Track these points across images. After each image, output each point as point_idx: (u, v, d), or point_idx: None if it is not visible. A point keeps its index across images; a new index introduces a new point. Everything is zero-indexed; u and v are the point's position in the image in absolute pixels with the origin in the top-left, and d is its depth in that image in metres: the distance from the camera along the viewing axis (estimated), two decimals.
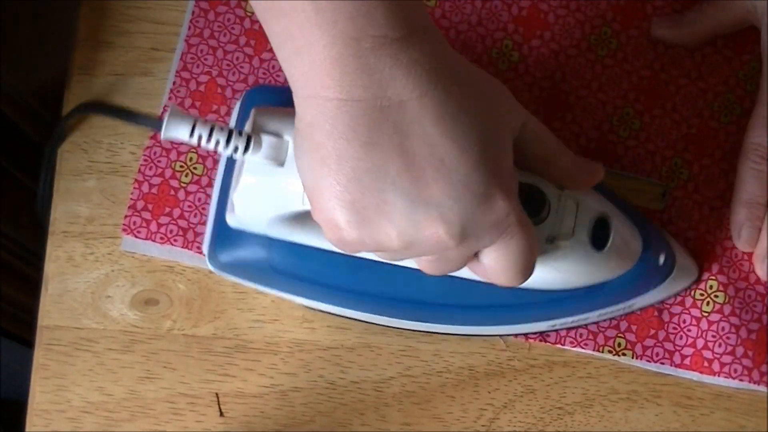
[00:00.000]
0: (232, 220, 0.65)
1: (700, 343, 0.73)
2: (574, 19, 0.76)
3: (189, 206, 0.74)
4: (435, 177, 0.52)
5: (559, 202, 0.63)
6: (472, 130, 0.52)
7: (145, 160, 0.74)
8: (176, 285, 0.74)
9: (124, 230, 0.74)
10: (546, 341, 0.73)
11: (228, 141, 0.57)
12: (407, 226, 0.52)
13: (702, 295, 0.73)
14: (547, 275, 0.65)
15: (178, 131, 0.57)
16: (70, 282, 0.74)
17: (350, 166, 0.51)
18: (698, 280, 0.73)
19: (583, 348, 0.73)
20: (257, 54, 0.76)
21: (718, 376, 0.73)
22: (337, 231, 0.54)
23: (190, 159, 0.74)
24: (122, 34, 0.76)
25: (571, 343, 0.73)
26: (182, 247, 0.74)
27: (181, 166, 0.74)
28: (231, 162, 0.67)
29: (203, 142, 0.57)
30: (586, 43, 0.76)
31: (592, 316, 0.71)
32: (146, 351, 0.73)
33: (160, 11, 0.77)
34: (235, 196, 0.61)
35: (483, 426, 0.73)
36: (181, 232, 0.74)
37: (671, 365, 0.73)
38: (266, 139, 0.58)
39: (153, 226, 0.74)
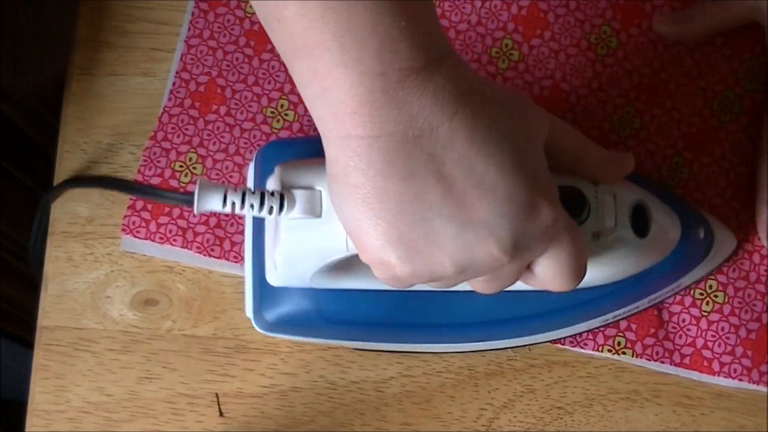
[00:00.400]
0: (274, 279, 0.64)
1: (699, 342, 0.73)
2: (573, 18, 0.76)
3: (188, 206, 0.74)
4: (478, 197, 0.51)
5: (597, 198, 0.63)
6: (505, 145, 0.52)
7: (145, 161, 0.74)
8: (176, 285, 0.74)
9: (123, 230, 0.74)
10: (545, 341, 0.73)
11: (262, 204, 0.56)
12: (460, 251, 0.52)
13: (701, 294, 0.73)
14: (597, 272, 0.65)
15: (210, 203, 0.56)
16: (70, 282, 0.74)
17: (393, 201, 0.51)
18: (738, 248, 0.73)
19: (582, 348, 0.73)
20: (257, 54, 0.76)
21: (718, 375, 0.73)
22: (390, 269, 0.53)
23: (190, 159, 0.74)
24: (122, 34, 0.76)
25: (571, 342, 0.73)
26: (181, 247, 0.73)
27: (181, 166, 0.74)
28: (257, 221, 0.67)
29: (237, 209, 0.56)
30: (585, 42, 0.76)
31: (644, 302, 0.71)
32: (146, 351, 0.73)
33: (160, 11, 0.77)
34: (277, 256, 0.60)
35: (483, 426, 0.73)
36: (180, 232, 0.74)
37: (671, 364, 0.73)
38: (299, 194, 0.57)
39: (152, 226, 0.74)
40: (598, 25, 0.76)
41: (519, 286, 0.59)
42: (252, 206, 0.56)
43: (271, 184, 0.60)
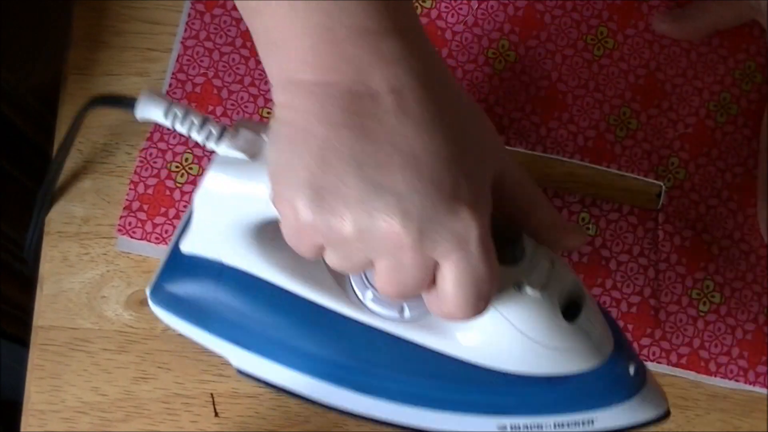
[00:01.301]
0: (186, 241, 0.62)
1: (696, 342, 0.73)
2: (570, 19, 0.76)
3: (184, 206, 0.74)
4: (402, 165, 0.50)
5: (535, 253, 0.57)
6: (450, 136, 0.51)
7: (141, 161, 0.74)
8: None
9: (119, 230, 0.74)
10: None
11: (202, 126, 0.56)
12: (362, 212, 0.50)
13: (698, 294, 0.73)
14: (507, 338, 0.57)
15: (152, 112, 0.56)
16: (65, 282, 0.74)
17: (317, 144, 0.50)
18: (666, 417, 0.63)
19: None
20: (253, 55, 0.76)
21: (715, 376, 0.73)
22: (293, 213, 0.51)
23: (186, 159, 0.74)
24: (118, 33, 0.77)
25: None
26: None
27: (177, 167, 0.74)
28: None
29: (177, 124, 0.56)
30: (582, 43, 0.76)
31: (548, 422, 0.62)
32: (141, 351, 0.73)
33: (156, 11, 0.77)
34: (197, 195, 0.58)
35: None
36: None
37: (668, 364, 0.73)
38: (243, 132, 0.56)
39: (148, 227, 0.74)
40: (595, 25, 0.76)
41: (424, 339, 0.58)
42: (192, 123, 0.55)
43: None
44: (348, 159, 0.50)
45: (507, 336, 0.57)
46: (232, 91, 0.75)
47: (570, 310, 0.58)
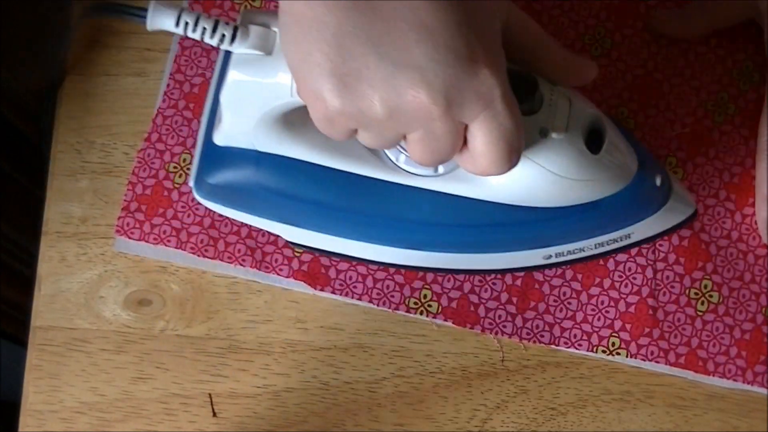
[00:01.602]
0: (219, 135, 0.64)
1: (694, 342, 0.73)
2: (567, 20, 0.76)
3: (182, 207, 0.74)
4: (417, 39, 0.51)
5: (552, 95, 0.60)
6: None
7: (139, 162, 0.74)
8: (169, 285, 0.74)
9: (118, 231, 0.74)
10: (540, 342, 0.73)
11: (214, 30, 0.56)
12: (389, 91, 0.52)
13: (696, 294, 0.73)
14: (539, 179, 0.62)
15: (163, 21, 0.56)
16: (63, 282, 0.74)
17: (331, 32, 0.51)
18: (695, 217, 0.71)
19: (577, 348, 0.73)
20: None
21: (713, 375, 0.73)
22: (321, 104, 0.53)
23: (184, 160, 0.74)
24: (115, 34, 0.77)
25: (566, 343, 0.73)
26: (175, 248, 0.74)
27: (175, 167, 0.74)
28: (218, 88, 0.66)
29: (189, 31, 0.56)
30: (580, 43, 0.76)
31: (589, 244, 0.69)
32: (139, 351, 0.73)
33: None
34: (223, 95, 0.60)
35: (476, 426, 0.72)
36: (174, 233, 0.74)
37: (666, 364, 0.73)
38: (253, 29, 0.57)
39: (146, 227, 0.74)
40: (593, 26, 0.76)
41: (463, 189, 0.61)
42: (204, 30, 0.56)
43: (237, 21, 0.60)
44: (365, 42, 0.51)
45: (540, 178, 0.61)
46: None
47: (593, 141, 0.62)
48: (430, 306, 0.73)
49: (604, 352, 0.73)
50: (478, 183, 0.63)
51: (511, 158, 0.55)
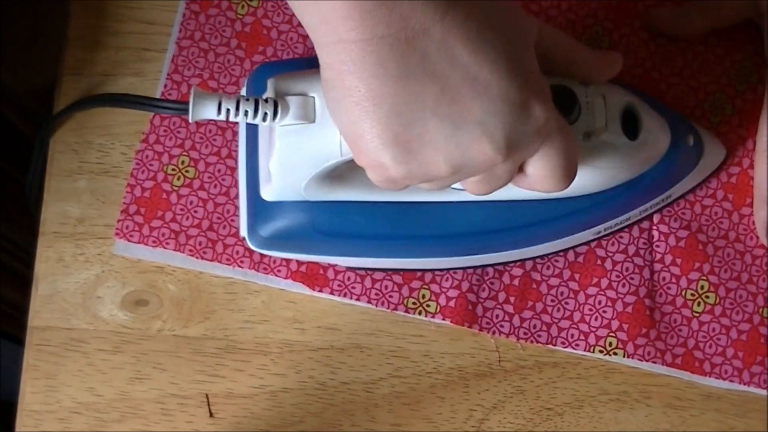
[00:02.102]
0: (268, 192, 0.65)
1: (691, 343, 0.73)
2: (565, 20, 0.76)
3: (181, 209, 0.74)
4: (472, 96, 0.52)
5: (588, 98, 0.63)
6: (497, 44, 0.52)
7: (138, 164, 0.74)
8: (166, 286, 0.74)
9: (117, 234, 0.74)
10: (537, 342, 0.73)
11: (256, 111, 0.57)
12: (454, 150, 0.53)
13: (693, 295, 0.73)
14: (589, 175, 0.65)
15: (205, 111, 0.57)
16: (61, 282, 0.74)
17: (387, 103, 0.51)
18: (726, 160, 0.74)
19: (574, 348, 0.73)
20: (249, 56, 0.76)
21: (709, 376, 0.73)
22: (385, 171, 0.54)
23: (182, 162, 0.74)
24: (113, 33, 0.76)
25: (563, 343, 0.73)
26: (174, 250, 0.73)
27: (173, 170, 0.74)
28: (251, 141, 0.68)
29: (231, 116, 0.57)
30: None
31: (635, 213, 0.71)
32: (136, 351, 0.73)
33: (151, 11, 0.77)
34: (272, 164, 0.61)
35: (473, 427, 0.72)
36: (173, 235, 0.74)
37: (662, 364, 0.73)
38: (292, 100, 0.58)
39: (145, 230, 0.74)
40: (591, 25, 0.76)
41: (513, 194, 0.61)
42: (246, 113, 0.57)
43: (266, 94, 0.60)
44: (422, 107, 0.52)
45: (588, 174, 0.65)
46: (227, 93, 0.75)
47: (629, 123, 0.66)
48: (428, 306, 0.73)
49: (601, 352, 0.73)
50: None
51: (570, 177, 0.58)
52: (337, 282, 0.73)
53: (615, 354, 0.73)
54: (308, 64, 0.56)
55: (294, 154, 0.60)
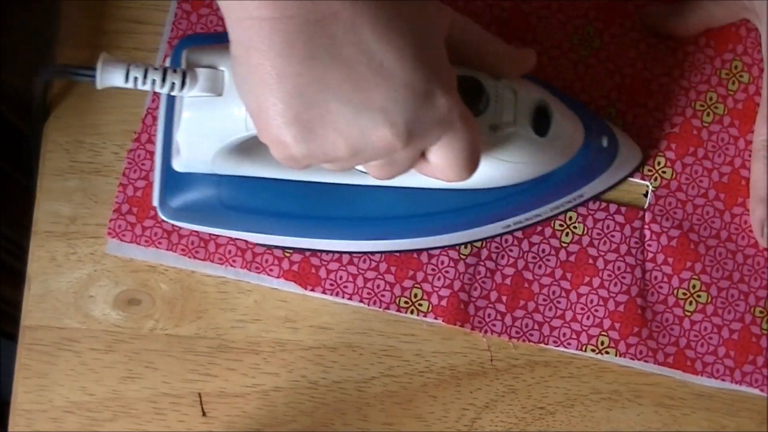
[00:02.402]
0: (178, 163, 0.65)
1: (682, 342, 0.73)
2: (556, 20, 0.76)
3: None
4: (376, 82, 0.52)
5: (497, 91, 0.63)
6: (406, 32, 0.53)
7: (129, 163, 0.74)
8: (159, 285, 0.74)
9: (109, 234, 0.74)
10: (529, 341, 0.73)
11: (164, 80, 0.58)
12: (354, 134, 0.53)
13: (685, 294, 0.73)
14: (496, 169, 0.65)
15: (113, 78, 0.58)
16: (53, 282, 0.74)
17: (291, 83, 0.52)
18: (643, 163, 0.74)
19: (566, 347, 0.73)
20: None
21: (701, 375, 0.73)
22: (285, 148, 0.54)
23: None
24: (104, 33, 0.76)
25: (555, 342, 0.73)
26: (166, 250, 0.73)
27: None
28: (170, 112, 0.68)
29: (139, 84, 0.58)
30: (568, 44, 0.76)
31: (545, 210, 0.71)
32: (128, 351, 0.73)
33: (142, 11, 0.77)
34: (179, 135, 0.62)
35: (465, 426, 0.73)
36: (165, 235, 0.74)
37: (654, 363, 0.73)
38: (201, 72, 0.59)
39: (138, 230, 0.74)
40: (581, 25, 0.76)
41: (420, 181, 0.62)
42: (154, 81, 0.58)
43: (182, 63, 0.61)
44: (325, 89, 0.52)
45: (494, 167, 0.65)
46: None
47: (541, 121, 0.66)
48: (420, 305, 0.73)
49: (593, 350, 0.73)
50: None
51: (472, 168, 0.58)
52: (329, 281, 0.73)
53: (607, 353, 0.73)
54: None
55: (200, 125, 0.61)
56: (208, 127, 0.61)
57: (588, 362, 0.73)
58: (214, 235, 0.73)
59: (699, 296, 0.73)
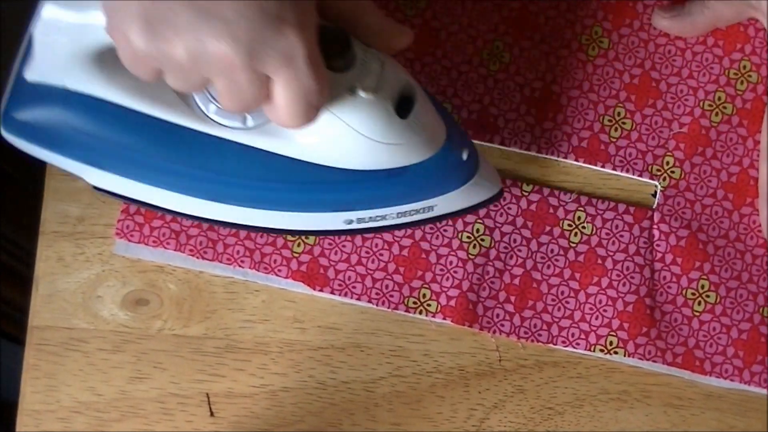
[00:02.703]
0: (30, 71, 0.63)
1: (691, 342, 0.73)
2: (564, 20, 0.76)
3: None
4: None
5: (366, 56, 0.61)
6: None
7: None
8: (167, 285, 0.74)
9: (117, 234, 0.74)
10: (538, 341, 0.73)
11: None
12: (192, 38, 0.53)
13: (693, 294, 0.73)
14: (345, 135, 0.62)
15: None
16: (61, 282, 0.74)
17: None
18: (499, 197, 0.71)
19: (574, 347, 0.73)
20: None
21: (710, 375, 0.73)
22: (128, 44, 0.54)
23: None
24: None
25: (563, 342, 0.73)
26: (175, 250, 0.73)
27: None
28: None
29: None
30: (576, 44, 0.76)
31: (391, 212, 0.69)
32: (137, 351, 0.73)
33: None
34: (36, 29, 0.60)
35: (473, 426, 0.72)
36: (173, 235, 0.74)
37: (663, 363, 0.73)
38: None
39: (146, 230, 0.74)
40: (590, 25, 0.76)
41: (272, 145, 0.62)
42: None
43: None
44: None
45: (345, 136, 0.62)
46: None
47: (403, 107, 0.62)
48: (429, 305, 0.73)
49: (601, 351, 0.73)
50: (284, 140, 0.64)
51: (308, 114, 0.57)
52: (338, 281, 0.73)
53: (615, 353, 0.73)
54: None
55: (58, 21, 0.59)
56: (67, 24, 0.59)
57: (596, 362, 0.73)
58: (222, 235, 0.73)
59: (708, 296, 0.73)
